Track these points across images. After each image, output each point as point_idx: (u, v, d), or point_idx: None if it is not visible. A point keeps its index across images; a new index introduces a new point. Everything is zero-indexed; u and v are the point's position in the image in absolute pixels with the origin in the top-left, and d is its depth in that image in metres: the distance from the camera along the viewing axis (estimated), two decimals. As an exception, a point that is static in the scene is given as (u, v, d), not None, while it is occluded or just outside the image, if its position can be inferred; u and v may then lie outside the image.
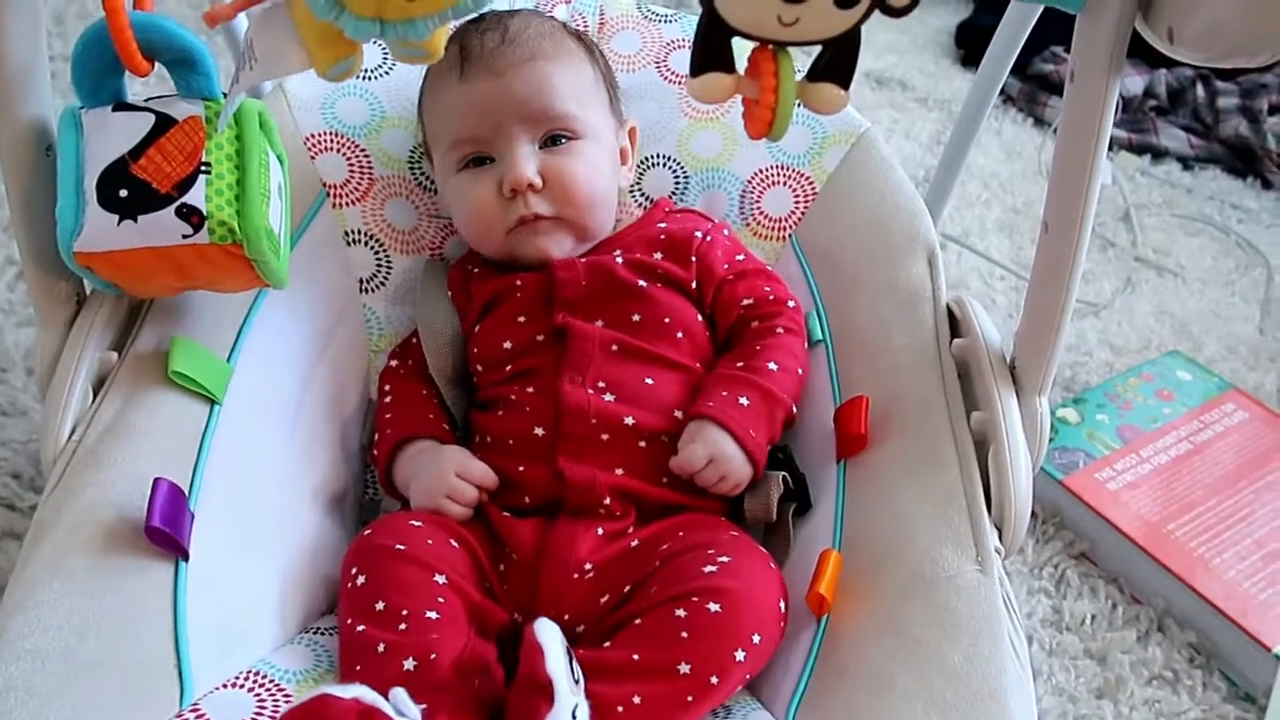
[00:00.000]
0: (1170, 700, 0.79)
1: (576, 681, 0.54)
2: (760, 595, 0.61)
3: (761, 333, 0.75)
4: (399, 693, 0.52)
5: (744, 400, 0.70)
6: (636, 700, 0.56)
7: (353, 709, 0.49)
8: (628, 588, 0.64)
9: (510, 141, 0.74)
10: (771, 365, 0.73)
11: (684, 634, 0.58)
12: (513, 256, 0.77)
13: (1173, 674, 0.81)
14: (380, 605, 0.59)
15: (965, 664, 0.55)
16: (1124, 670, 0.81)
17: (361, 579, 0.61)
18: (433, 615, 0.59)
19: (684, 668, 0.57)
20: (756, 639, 0.59)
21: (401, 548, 0.62)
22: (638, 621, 0.60)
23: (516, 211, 0.75)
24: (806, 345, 0.77)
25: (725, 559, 0.61)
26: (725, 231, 0.81)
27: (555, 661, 0.53)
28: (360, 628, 0.59)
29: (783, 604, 0.62)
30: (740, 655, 0.58)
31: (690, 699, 0.56)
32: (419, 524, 0.65)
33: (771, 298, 0.77)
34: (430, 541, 0.64)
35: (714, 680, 0.57)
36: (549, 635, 0.54)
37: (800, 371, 0.75)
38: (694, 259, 0.77)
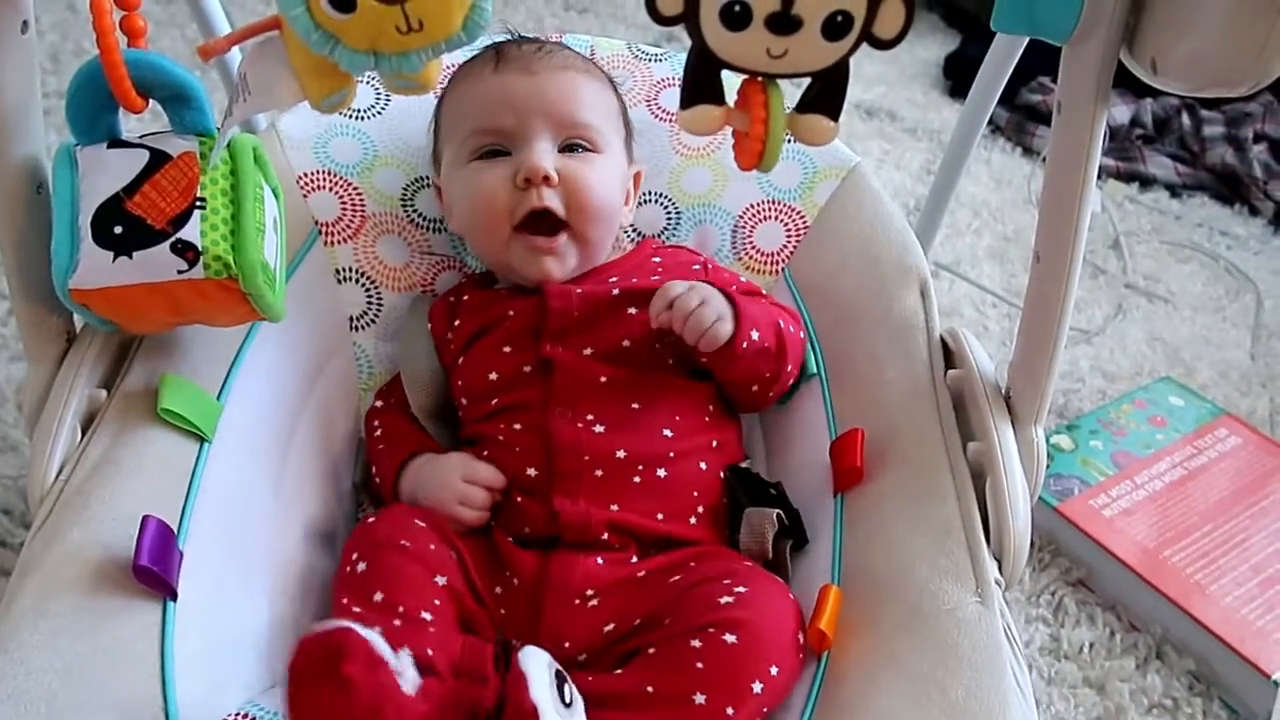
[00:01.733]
0: (1171, 730, 0.79)
1: (568, 705, 0.53)
2: (778, 626, 0.60)
3: None
4: (404, 654, 0.51)
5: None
6: None
7: (364, 650, 0.48)
8: (638, 620, 0.63)
9: (531, 137, 0.74)
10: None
11: (699, 664, 0.57)
12: (509, 267, 0.77)
13: (1172, 702, 0.80)
14: (379, 596, 0.59)
15: (968, 698, 0.54)
16: (1123, 699, 0.80)
17: (362, 566, 0.61)
18: (427, 616, 0.59)
19: (699, 698, 0.56)
20: (774, 671, 0.58)
21: (406, 544, 0.62)
22: (651, 651, 0.59)
23: (528, 202, 0.74)
24: (801, 334, 0.77)
25: (742, 589, 0.61)
26: (711, 265, 0.82)
27: (539, 688, 0.51)
28: (356, 609, 0.58)
29: (801, 635, 0.61)
30: (758, 687, 0.57)
31: None
32: (423, 524, 0.65)
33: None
34: (433, 546, 0.64)
35: (729, 711, 0.56)
36: (534, 662, 0.53)
37: (792, 329, 0.74)
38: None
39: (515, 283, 0.79)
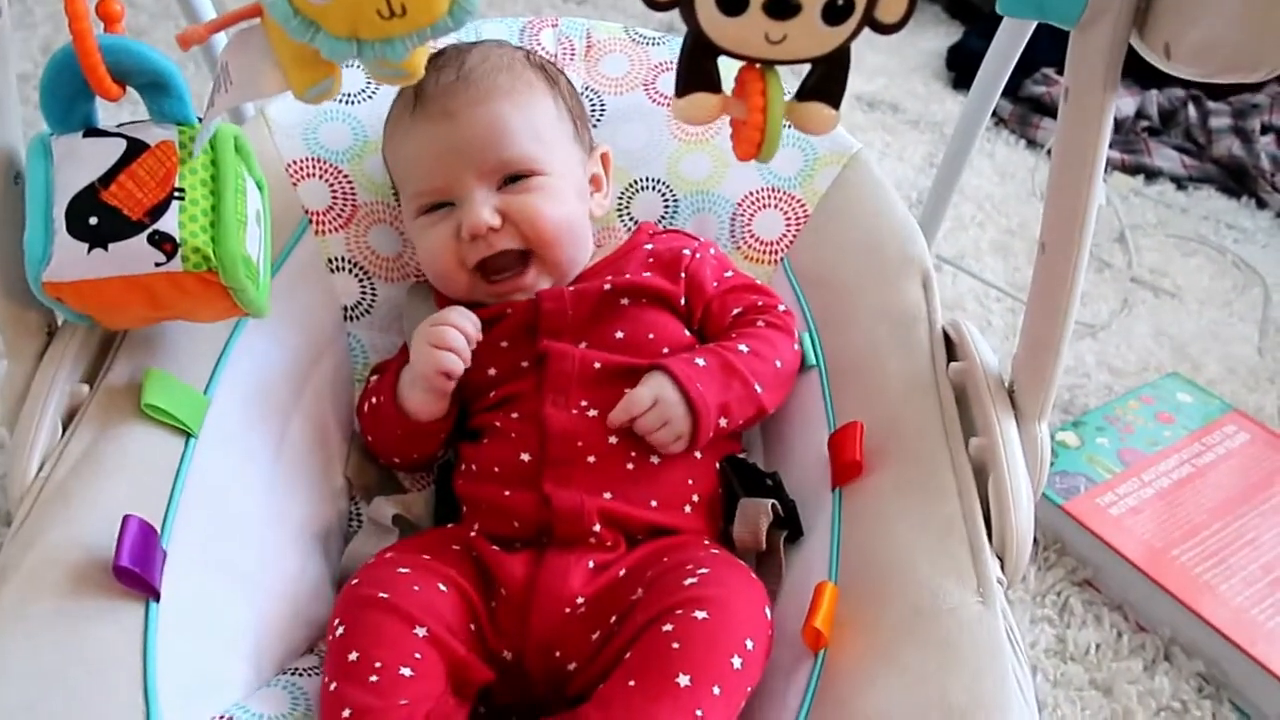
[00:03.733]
0: (1179, 732, 0.77)
1: None
2: (745, 600, 0.60)
3: (741, 324, 0.75)
4: None
5: (700, 361, 0.70)
6: None
7: None
8: (613, 619, 0.62)
9: (466, 188, 0.73)
10: (741, 347, 0.72)
11: (675, 645, 0.56)
12: (482, 300, 0.76)
13: (1181, 705, 0.79)
14: (354, 656, 0.57)
15: (968, 701, 0.53)
16: (1131, 701, 0.78)
17: (340, 630, 0.60)
18: (406, 672, 0.57)
19: (683, 679, 0.55)
20: (749, 644, 0.58)
21: (384, 596, 0.60)
22: (628, 655, 0.58)
23: (478, 253, 0.73)
24: (795, 346, 0.76)
25: (704, 570, 0.61)
26: (712, 250, 0.80)
27: None
28: (333, 685, 0.57)
29: (768, 611, 0.61)
30: (737, 662, 0.56)
31: (699, 713, 0.54)
32: (406, 570, 0.63)
33: (760, 304, 0.76)
34: (417, 588, 0.62)
35: (716, 690, 0.55)
36: None
37: (779, 364, 0.73)
38: (683, 275, 0.76)
39: None
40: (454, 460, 0.74)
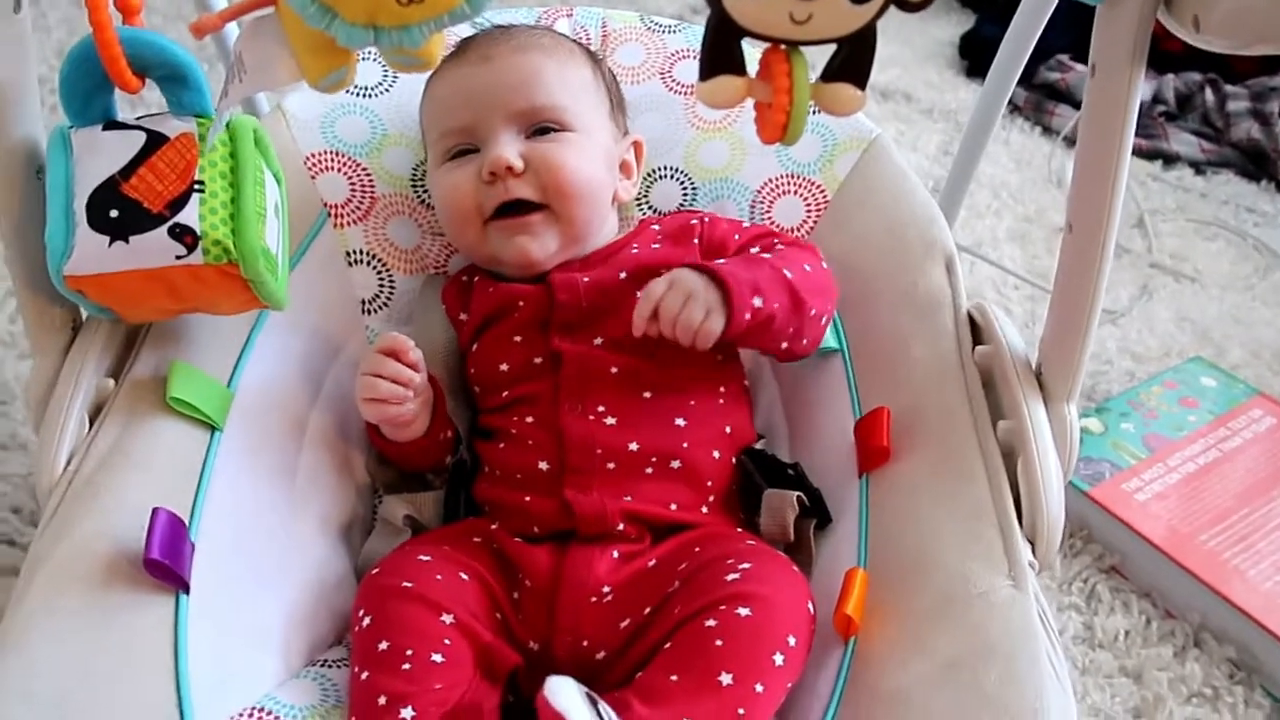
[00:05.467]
0: (1211, 719, 0.76)
1: None
2: (788, 596, 0.59)
3: (760, 249, 0.75)
4: None
5: (719, 260, 0.69)
6: None
7: None
8: (648, 610, 0.61)
9: (492, 129, 0.73)
10: (763, 255, 0.71)
11: (718, 642, 0.55)
12: (493, 258, 0.75)
13: (1212, 691, 0.78)
14: (384, 645, 0.57)
15: (1001, 685, 0.52)
16: (1161, 688, 0.78)
17: (367, 620, 0.59)
18: (437, 658, 0.57)
19: (725, 678, 0.54)
20: (792, 641, 0.57)
21: (409, 585, 0.60)
22: (668, 646, 0.57)
23: (496, 197, 0.72)
24: (822, 264, 0.73)
25: (746, 565, 0.60)
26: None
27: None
28: (364, 675, 0.57)
29: (810, 605, 0.60)
30: (779, 659, 0.56)
31: (741, 712, 0.54)
32: (428, 558, 0.63)
33: (776, 241, 0.76)
34: (439, 577, 0.62)
35: (759, 689, 0.55)
36: (566, 697, 0.51)
37: (807, 267, 0.71)
38: (697, 240, 0.75)
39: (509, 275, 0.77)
40: (468, 461, 0.74)
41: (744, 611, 0.56)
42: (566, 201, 0.72)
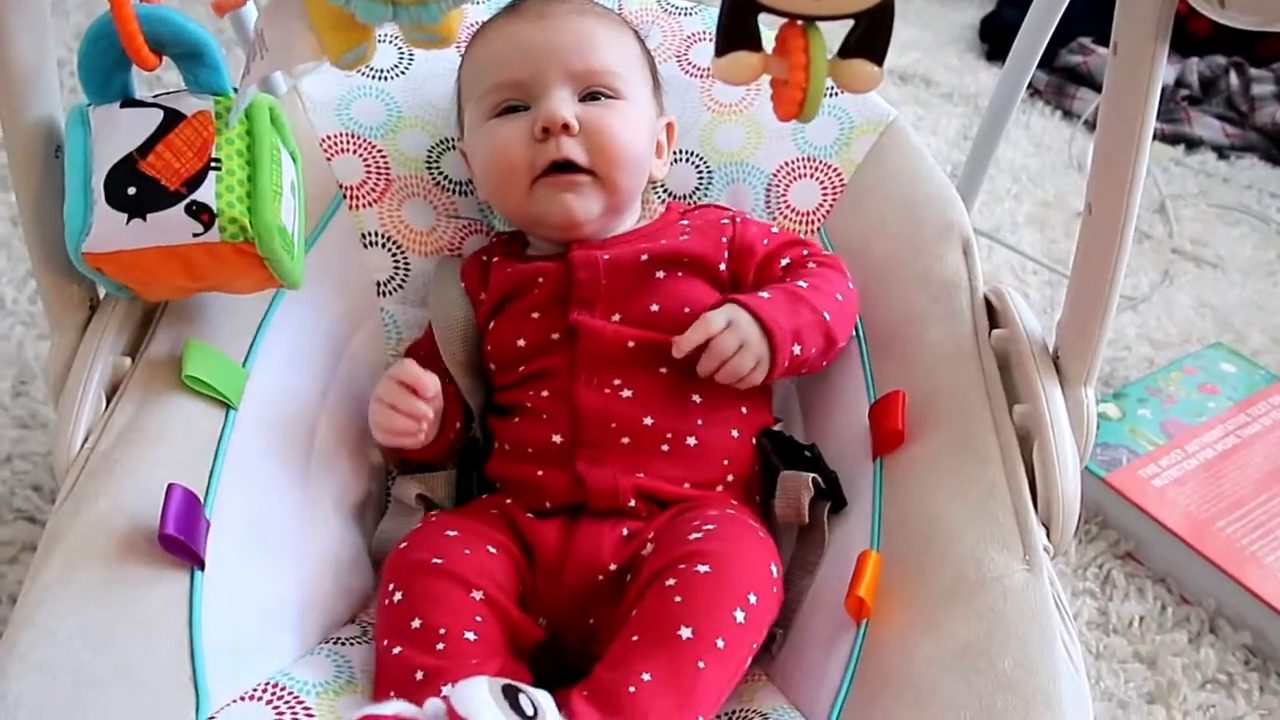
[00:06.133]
0: (1226, 705, 0.76)
1: (533, 716, 0.48)
2: (749, 554, 0.59)
3: (792, 270, 0.74)
4: (434, 704, 0.49)
5: (764, 294, 0.69)
6: (646, 678, 0.53)
7: None
8: (628, 577, 0.62)
9: (548, 86, 0.72)
10: (800, 283, 0.71)
11: (677, 598, 0.56)
12: (534, 219, 0.74)
13: (1227, 677, 0.78)
14: (417, 623, 0.57)
15: (1015, 669, 0.52)
16: (1176, 674, 0.77)
17: (398, 595, 0.60)
18: (470, 636, 0.57)
19: (685, 632, 0.54)
20: (753, 599, 0.57)
21: (439, 561, 0.60)
22: (634, 612, 0.57)
23: (547, 154, 0.71)
24: (849, 284, 0.74)
25: (710, 526, 0.60)
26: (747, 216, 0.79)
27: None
28: (396, 649, 0.57)
29: (774, 567, 0.60)
30: (740, 615, 0.56)
31: (701, 665, 0.54)
32: (455, 533, 0.63)
33: (806, 254, 0.76)
34: (468, 551, 0.62)
35: (720, 644, 0.55)
36: (470, 702, 0.47)
37: (839, 296, 0.72)
38: (725, 239, 0.75)
39: (545, 240, 0.77)
40: (480, 440, 0.74)
41: (703, 569, 0.57)
42: (613, 169, 0.72)
